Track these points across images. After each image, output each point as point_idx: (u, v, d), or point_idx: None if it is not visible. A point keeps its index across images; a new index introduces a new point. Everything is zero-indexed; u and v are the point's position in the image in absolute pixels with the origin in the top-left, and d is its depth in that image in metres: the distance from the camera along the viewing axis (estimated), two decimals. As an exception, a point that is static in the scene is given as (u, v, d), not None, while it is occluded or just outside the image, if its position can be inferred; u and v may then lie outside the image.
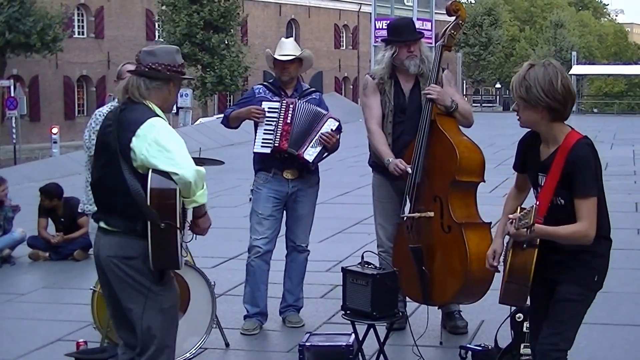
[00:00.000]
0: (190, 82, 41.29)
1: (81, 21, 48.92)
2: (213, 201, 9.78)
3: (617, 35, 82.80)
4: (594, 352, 5.94)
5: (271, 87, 6.58)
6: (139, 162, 4.08)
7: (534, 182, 4.07)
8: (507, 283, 3.99)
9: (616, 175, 16.04)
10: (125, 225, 4.13)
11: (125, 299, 4.21)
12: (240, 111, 6.47)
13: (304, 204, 6.55)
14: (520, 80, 3.89)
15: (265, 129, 6.35)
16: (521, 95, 3.89)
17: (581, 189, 3.81)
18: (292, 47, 6.65)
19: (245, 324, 6.52)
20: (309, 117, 6.36)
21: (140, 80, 4.25)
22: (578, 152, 3.86)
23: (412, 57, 6.09)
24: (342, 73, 64.15)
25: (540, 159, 4.01)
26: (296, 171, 6.45)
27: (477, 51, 66.20)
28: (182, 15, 40.01)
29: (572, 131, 3.97)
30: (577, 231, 3.83)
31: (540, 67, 3.88)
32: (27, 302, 7.86)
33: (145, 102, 4.22)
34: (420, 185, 5.89)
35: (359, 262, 5.37)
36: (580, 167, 3.84)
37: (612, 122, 36.92)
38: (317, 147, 6.32)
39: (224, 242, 9.61)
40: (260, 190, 6.49)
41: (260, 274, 6.51)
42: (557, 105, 3.86)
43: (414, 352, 5.59)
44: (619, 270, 8.20)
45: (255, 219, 6.52)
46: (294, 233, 6.62)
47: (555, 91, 3.84)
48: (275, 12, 59.13)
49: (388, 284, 5.16)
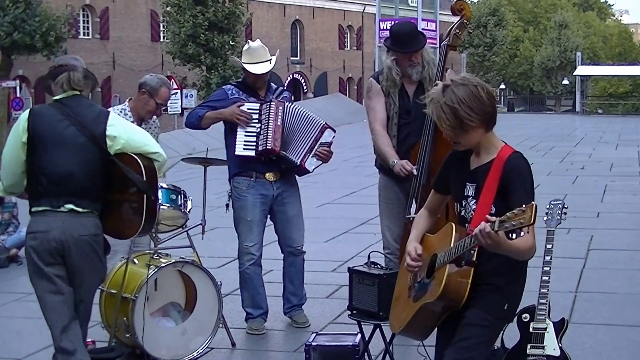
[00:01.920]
0: (195, 83, 41.38)
1: (86, 22, 48.95)
2: (218, 201, 9.77)
3: (622, 35, 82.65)
4: (598, 353, 5.96)
5: (243, 88, 6.48)
6: (120, 146, 4.65)
7: (459, 192, 3.83)
8: (428, 304, 3.74)
9: (621, 176, 16.06)
10: (95, 207, 4.63)
11: (87, 273, 4.64)
12: (221, 112, 6.35)
13: (292, 204, 6.51)
14: (440, 108, 3.62)
15: (247, 131, 6.27)
16: (450, 124, 3.63)
17: (525, 199, 3.49)
18: (263, 52, 6.45)
19: (251, 324, 6.53)
20: (301, 120, 6.32)
21: (79, 74, 4.76)
22: (516, 162, 3.68)
23: (414, 65, 6.10)
24: (346, 74, 64.13)
25: (470, 168, 3.80)
26: (278, 172, 6.42)
27: (481, 52, 66.18)
28: (186, 16, 40.00)
29: (506, 145, 3.76)
30: (532, 246, 3.59)
31: (458, 87, 3.63)
32: (35, 301, 7.81)
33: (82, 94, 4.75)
34: (425, 186, 5.91)
35: (365, 262, 5.40)
36: (520, 178, 3.64)
37: (616, 123, 36.92)
38: (317, 158, 6.32)
39: (229, 242, 9.62)
40: (245, 197, 6.38)
41: (256, 279, 6.49)
42: (489, 116, 3.68)
43: (420, 353, 5.59)
44: (623, 271, 8.25)
45: (245, 225, 6.41)
46: (289, 237, 6.53)
47: (484, 104, 3.64)
48: (279, 12, 59.14)
49: (394, 284, 5.16)
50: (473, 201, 3.76)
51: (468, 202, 3.79)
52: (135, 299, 5.64)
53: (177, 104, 33.53)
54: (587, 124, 36.41)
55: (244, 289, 6.53)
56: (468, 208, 3.79)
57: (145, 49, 50.76)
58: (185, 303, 6.07)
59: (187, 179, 9.80)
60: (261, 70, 6.36)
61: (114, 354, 5.84)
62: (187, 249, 6.20)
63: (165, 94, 6.36)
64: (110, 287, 5.91)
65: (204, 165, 6.43)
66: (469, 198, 3.79)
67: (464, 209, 3.81)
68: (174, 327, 5.96)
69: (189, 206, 6.16)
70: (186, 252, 6.16)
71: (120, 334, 5.81)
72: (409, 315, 3.92)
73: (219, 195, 10.99)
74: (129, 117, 6.36)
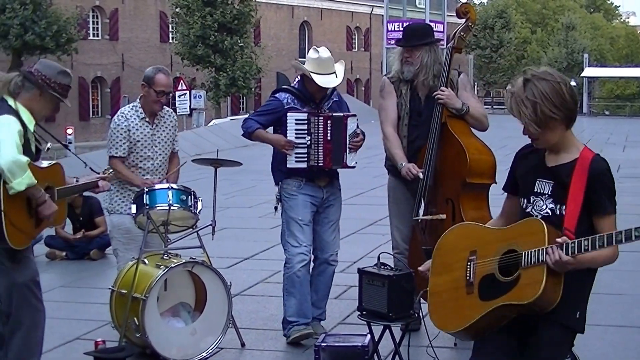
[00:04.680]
0: (204, 84, 41.45)
1: (96, 23, 49.08)
2: (228, 202, 9.90)
3: (629, 37, 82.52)
4: (607, 354, 5.97)
5: (299, 95, 6.28)
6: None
7: (528, 188, 3.74)
8: (511, 305, 3.52)
9: (628, 177, 16.02)
10: None
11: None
12: (270, 139, 6.23)
13: (336, 207, 6.45)
14: (522, 103, 3.54)
15: (297, 144, 6.13)
16: (531, 119, 3.54)
17: (608, 205, 3.55)
18: (331, 64, 6.26)
19: (296, 330, 6.20)
20: (339, 127, 6.16)
21: (18, 78, 4.95)
22: (602, 166, 3.58)
23: (407, 64, 6.13)
24: (354, 75, 64.10)
25: (546, 165, 3.70)
26: (327, 178, 6.35)
27: (488, 53, 66.07)
28: (195, 18, 40.09)
29: (585, 146, 3.68)
30: (614, 253, 3.52)
31: (540, 81, 3.54)
32: (45, 301, 7.75)
33: (8, 99, 4.88)
34: (432, 188, 5.93)
35: (374, 263, 5.41)
36: (604, 185, 3.57)
37: (623, 125, 36.87)
38: (353, 152, 6.22)
39: (239, 242, 9.69)
40: (295, 196, 6.23)
41: (306, 284, 6.23)
42: (570, 113, 3.59)
43: (429, 354, 5.60)
44: (632, 272, 8.25)
45: (295, 226, 6.21)
46: (326, 241, 6.39)
47: (566, 100, 3.55)
48: (287, 14, 59.19)
49: (404, 285, 5.19)
50: (549, 200, 3.67)
51: (540, 199, 3.69)
52: (145, 299, 5.66)
53: (186, 105, 33.58)
54: (594, 126, 36.34)
55: (292, 295, 6.21)
56: (538, 205, 3.69)
57: (154, 49, 50.85)
58: (195, 303, 6.10)
59: (196, 179, 9.86)
60: (331, 85, 6.19)
61: (124, 354, 5.87)
62: (197, 249, 6.21)
63: (162, 79, 6.33)
64: (120, 287, 5.94)
65: (215, 166, 6.45)
66: (542, 195, 3.69)
67: (532, 205, 3.72)
68: (184, 327, 5.99)
69: (199, 207, 6.17)
70: (196, 253, 6.18)
71: (131, 334, 5.83)
72: (475, 314, 3.64)
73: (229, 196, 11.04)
74: (140, 113, 6.40)
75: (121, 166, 6.36)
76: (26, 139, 4.88)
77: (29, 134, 4.93)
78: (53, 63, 5.25)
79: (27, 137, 4.90)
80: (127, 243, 6.42)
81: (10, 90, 4.95)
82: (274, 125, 6.29)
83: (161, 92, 6.34)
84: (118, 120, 6.41)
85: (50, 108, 5.14)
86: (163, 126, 6.52)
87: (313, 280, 6.39)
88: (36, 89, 4.99)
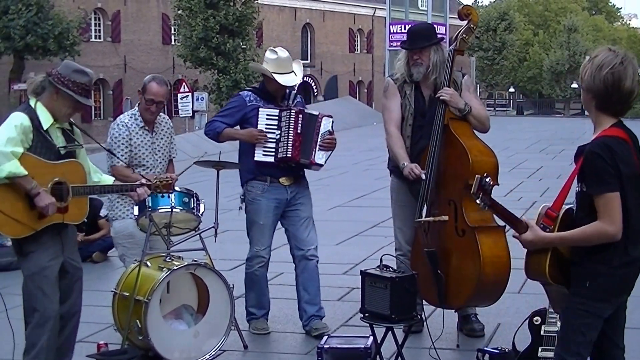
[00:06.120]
0: (206, 86, 41.47)
1: (98, 25, 49.11)
2: (230, 204, 9.86)
3: (631, 39, 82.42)
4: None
5: (261, 94, 6.49)
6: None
7: None
8: None
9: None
10: None
11: None
12: (240, 134, 6.42)
13: (305, 205, 6.53)
14: (588, 61, 3.73)
15: (267, 137, 6.29)
16: (580, 74, 3.74)
17: (594, 187, 3.63)
18: (289, 63, 6.47)
19: (256, 324, 6.56)
20: (310, 123, 6.33)
21: (42, 79, 5.13)
22: (592, 147, 3.65)
23: (417, 65, 6.14)
24: (356, 77, 64.14)
25: None
26: (292, 177, 6.46)
27: (491, 55, 66.14)
28: (198, 20, 40.08)
29: (611, 127, 3.71)
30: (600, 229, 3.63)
31: (608, 53, 3.68)
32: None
33: (31, 99, 5.09)
34: (434, 189, 5.93)
35: (377, 265, 5.41)
36: (589, 164, 3.65)
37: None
38: (323, 150, 6.32)
39: (241, 244, 9.64)
40: (259, 201, 6.42)
41: (263, 281, 6.57)
42: (599, 92, 3.66)
43: (431, 355, 5.63)
44: (634, 274, 8.22)
45: (257, 229, 6.45)
46: (301, 239, 6.50)
47: (598, 78, 3.64)
48: (290, 16, 59.21)
49: (407, 287, 5.19)
50: (579, 179, 3.80)
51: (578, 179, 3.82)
52: (148, 302, 5.66)
53: (189, 107, 33.60)
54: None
55: (250, 289, 6.59)
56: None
57: (156, 52, 50.88)
58: (197, 305, 6.10)
59: (199, 181, 9.87)
60: (291, 83, 6.39)
61: (127, 357, 5.87)
62: (199, 251, 6.22)
63: (153, 88, 6.30)
64: (123, 289, 5.94)
65: (217, 168, 6.45)
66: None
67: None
68: (186, 329, 5.99)
69: (202, 209, 6.18)
70: (199, 255, 6.19)
71: (133, 337, 5.83)
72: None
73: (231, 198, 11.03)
74: (140, 122, 6.38)
75: (126, 171, 6.30)
76: (42, 136, 5.02)
77: (47, 131, 5.06)
78: (73, 63, 5.31)
79: (42, 134, 5.03)
80: (132, 248, 6.40)
81: (34, 91, 5.12)
82: (240, 124, 6.45)
83: (150, 100, 6.31)
84: (119, 130, 6.36)
85: (68, 106, 5.15)
86: (161, 134, 6.52)
87: (299, 279, 6.53)
88: (53, 88, 5.10)
